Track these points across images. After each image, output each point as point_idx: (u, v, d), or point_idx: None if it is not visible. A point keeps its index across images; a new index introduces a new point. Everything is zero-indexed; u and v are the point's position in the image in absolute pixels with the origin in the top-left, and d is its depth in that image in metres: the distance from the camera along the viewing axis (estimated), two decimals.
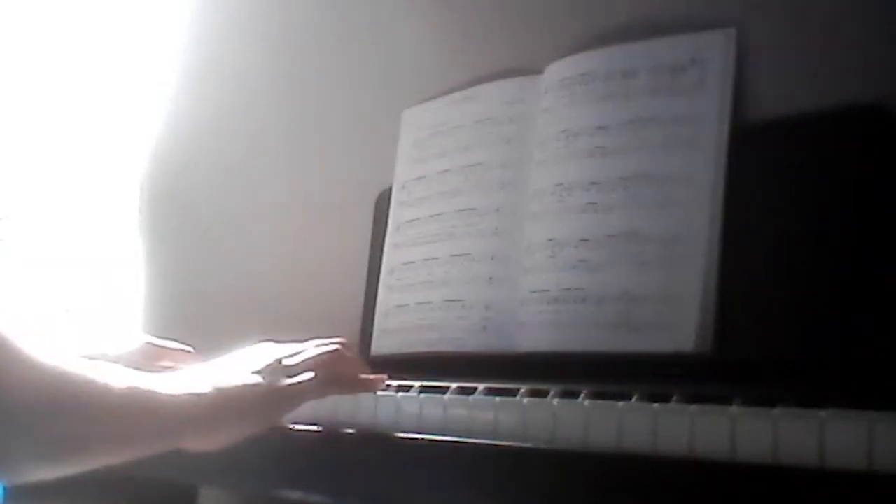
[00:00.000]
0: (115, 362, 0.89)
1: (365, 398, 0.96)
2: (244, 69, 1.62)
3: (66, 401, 0.78)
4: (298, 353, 0.94)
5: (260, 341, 0.95)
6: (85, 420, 0.79)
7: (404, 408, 0.92)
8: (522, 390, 0.87)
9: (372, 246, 1.31)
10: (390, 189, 1.29)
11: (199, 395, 0.85)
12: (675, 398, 0.78)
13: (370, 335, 1.25)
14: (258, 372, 0.90)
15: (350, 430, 0.95)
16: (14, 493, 1.11)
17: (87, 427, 0.79)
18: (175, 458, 0.87)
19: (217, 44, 1.71)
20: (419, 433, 0.88)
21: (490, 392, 0.90)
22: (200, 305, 1.61)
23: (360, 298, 1.30)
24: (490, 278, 1.14)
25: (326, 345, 0.96)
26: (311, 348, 0.95)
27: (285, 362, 0.92)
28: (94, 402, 0.79)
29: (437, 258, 1.19)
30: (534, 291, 1.07)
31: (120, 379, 0.82)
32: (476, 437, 0.83)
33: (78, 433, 0.79)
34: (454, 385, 0.94)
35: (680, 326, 0.96)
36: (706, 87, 1.01)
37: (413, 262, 1.22)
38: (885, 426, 0.64)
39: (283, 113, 1.56)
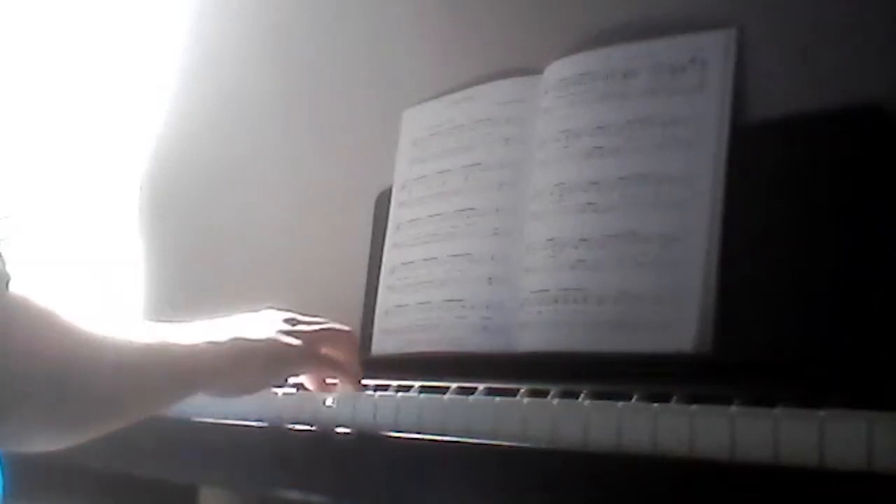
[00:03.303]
0: None
1: (365, 398, 0.96)
2: (243, 69, 1.62)
3: (82, 363, 0.79)
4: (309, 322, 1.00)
5: (268, 307, 1.00)
6: (102, 380, 0.80)
7: (404, 408, 0.92)
8: (522, 390, 0.87)
9: (372, 246, 1.31)
10: (390, 189, 1.29)
11: (216, 343, 0.90)
12: (675, 398, 0.78)
13: (370, 335, 1.25)
14: (273, 327, 0.96)
15: (349, 431, 0.95)
16: (13, 491, 1.11)
17: (104, 388, 0.80)
18: (175, 459, 0.87)
19: (216, 44, 1.71)
20: (419, 433, 0.88)
21: (490, 392, 0.90)
22: (200, 305, 1.61)
23: (360, 298, 1.30)
24: (490, 278, 1.14)
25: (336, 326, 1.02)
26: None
27: (298, 327, 0.98)
28: (111, 361, 0.81)
29: (436, 258, 1.19)
30: (534, 291, 1.07)
31: (135, 334, 0.84)
32: (476, 437, 0.83)
33: (96, 394, 0.80)
34: (454, 385, 0.94)
35: (680, 326, 0.96)
36: (706, 87, 1.01)
37: (413, 262, 1.22)
38: (885, 426, 0.64)
39: (282, 113, 1.55)
